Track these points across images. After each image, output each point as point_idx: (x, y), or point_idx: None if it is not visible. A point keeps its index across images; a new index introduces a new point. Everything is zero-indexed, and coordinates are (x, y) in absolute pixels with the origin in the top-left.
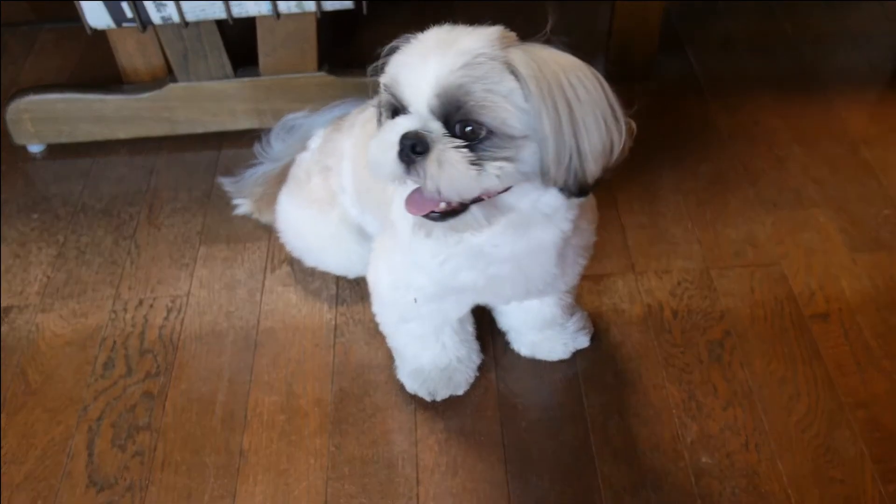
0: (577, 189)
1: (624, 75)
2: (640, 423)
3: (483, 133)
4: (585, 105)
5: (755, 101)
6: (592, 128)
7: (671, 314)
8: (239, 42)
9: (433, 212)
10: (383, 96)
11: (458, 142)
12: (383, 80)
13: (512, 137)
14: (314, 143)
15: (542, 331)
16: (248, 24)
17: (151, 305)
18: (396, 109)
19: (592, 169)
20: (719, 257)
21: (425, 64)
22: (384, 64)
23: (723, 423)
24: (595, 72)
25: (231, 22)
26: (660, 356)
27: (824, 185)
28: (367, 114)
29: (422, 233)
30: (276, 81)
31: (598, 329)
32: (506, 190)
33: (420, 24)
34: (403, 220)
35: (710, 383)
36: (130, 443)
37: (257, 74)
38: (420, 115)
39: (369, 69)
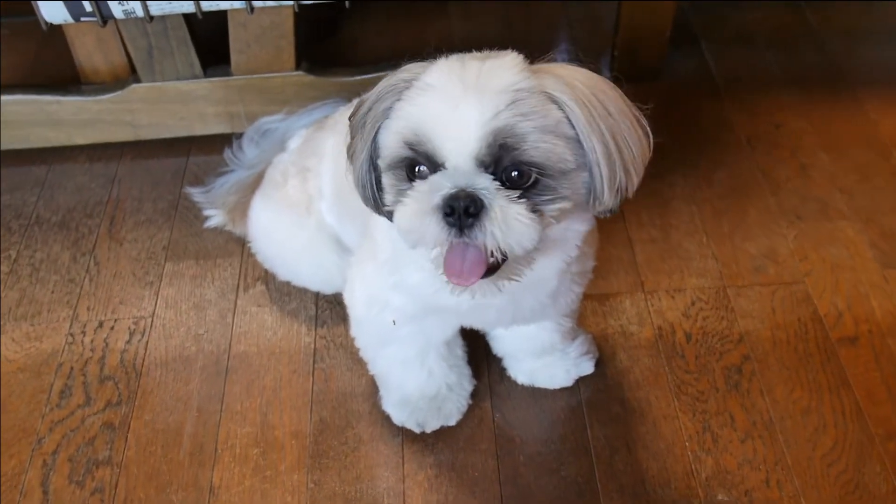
0: (618, 207)
1: (632, 75)
2: (649, 458)
3: (533, 175)
4: (619, 119)
5: (776, 102)
6: (630, 140)
7: (684, 337)
8: (209, 38)
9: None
10: (390, 152)
11: (514, 192)
12: (395, 135)
13: (565, 172)
14: (294, 143)
15: (540, 357)
16: (219, 18)
17: (112, 328)
18: (414, 163)
19: (635, 181)
20: (737, 274)
21: (459, 110)
22: (379, 112)
23: (741, 457)
24: (609, 82)
25: (200, 16)
26: (671, 383)
27: (853, 195)
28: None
29: (425, 295)
30: (250, 81)
31: (604, 354)
32: None
33: (406, 18)
34: (384, 232)
35: (727, 413)
36: (89, 479)
37: (229, 74)
38: (462, 171)
39: (351, 122)
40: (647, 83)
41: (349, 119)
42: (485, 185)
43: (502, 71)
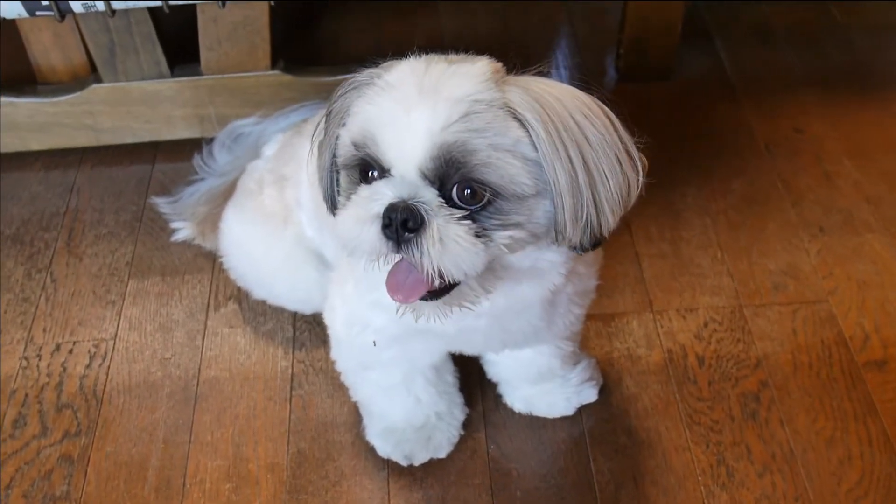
0: (590, 245)
1: (639, 75)
2: (658, 493)
3: (487, 196)
4: (598, 148)
5: (798, 104)
6: (608, 173)
7: (696, 361)
8: (177, 35)
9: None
10: (345, 150)
11: (459, 211)
12: (348, 133)
13: (522, 197)
14: (269, 149)
15: (539, 383)
16: (188, 12)
17: (71, 351)
18: (367, 166)
19: (610, 221)
20: (755, 292)
21: (411, 116)
22: (343, 107)
23: (759, 492)
24: (601, 104)
25: (167, 10)
26: (683, 412)
27: (880, 206)
28: None
29: (407, 316)
30: (221, 81)
31: (609, 379)
32: None
33: (392, 13)
34: None
35: (744, 445)
36: None
37: (198, 73)
38: (407, 181)
39: (324, 114)
40: (656, 84)
41: (325, 112)
42: (428, 198)
43: (464, 78)
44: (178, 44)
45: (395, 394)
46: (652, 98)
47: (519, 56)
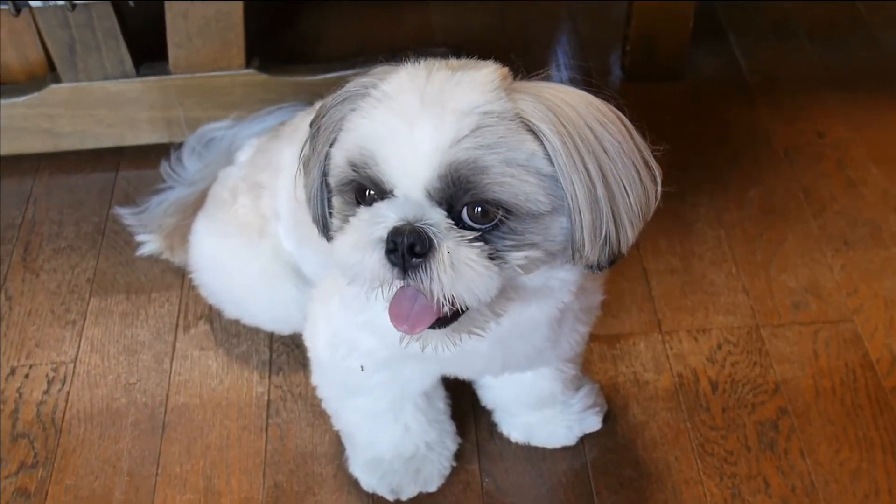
0: (607, 263)
1: (646, 74)
2: None
3: (499, 215)
4: (616, 158)
5: (820, 106)
6: (627, 186)
7: (709, 386)
8: (143, 31)
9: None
10: (338, 171)
11: (469, 233)
12: (341, 152)
13: (537, 215)
14: (244, 154)
15: (538, 410)
16: (155, 6)
17: (27, 375)
18: (364, 186)
19: (629, 236)
20: (773, 312)
21: (414, 131)
22: (333, 121)
23: None
24: (616, 111)
25: (132, 3)
26: (694, 442)
27: None
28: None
29: (414, 346)
30: (191, 81)
31: (614, 406)
32: None
33: (378, 8)
34: None
35: (761, 477)
36: None
37: (167, 72)
38: (412, 201)
39: (311, 128)
40: (665, 84)
41: (310, 125)
42: (436, 220)
43: (471, 87)
44: (145, 41)
45: (383, 422)
46: (660, 99)
47: (518, 55)
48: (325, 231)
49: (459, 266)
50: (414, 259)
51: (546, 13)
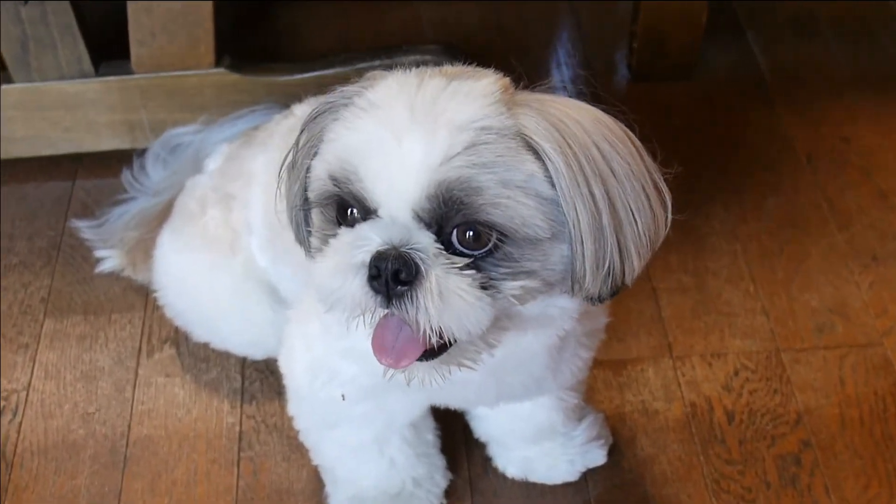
0: (609, 295)
1: (655, 73)
2: None
3: (493, 240)
4: (625, 181)
5: (845, 108)
6: (635, 212)
7: (725, 417)
8: (102, 27)
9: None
10: (318, 184)
11: (460, 259)
12: (322, 165)
13: (534, 241)
14: (213, 162)
15: (536, 443)
16: (115, 1)
17: None
18: (346, 203)
19: (635, 267)
20: (794, 334)
21: (402, 145)
22: (315, 132)
23: None
24: (626, 129)
25: None
26: (708, 477)
27: None
28: (290, 122)
29: (399, 377)
30: (156, 81)
31: (620, 438)
32: None
33: (359, 2)
34: None
35: None
36: None
37: (129, 72)
38: (398, 223)
39: (296, 142)
40: (676, 84)
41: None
42: (424, 244)
43: (469, 99)
44: (105, 38)
45: (366, 455)
46: (671, 100)
47: (516, 54)
48: (308, 251)
49: (448, 296)
50: (399, 287)
51: (545, 8)
